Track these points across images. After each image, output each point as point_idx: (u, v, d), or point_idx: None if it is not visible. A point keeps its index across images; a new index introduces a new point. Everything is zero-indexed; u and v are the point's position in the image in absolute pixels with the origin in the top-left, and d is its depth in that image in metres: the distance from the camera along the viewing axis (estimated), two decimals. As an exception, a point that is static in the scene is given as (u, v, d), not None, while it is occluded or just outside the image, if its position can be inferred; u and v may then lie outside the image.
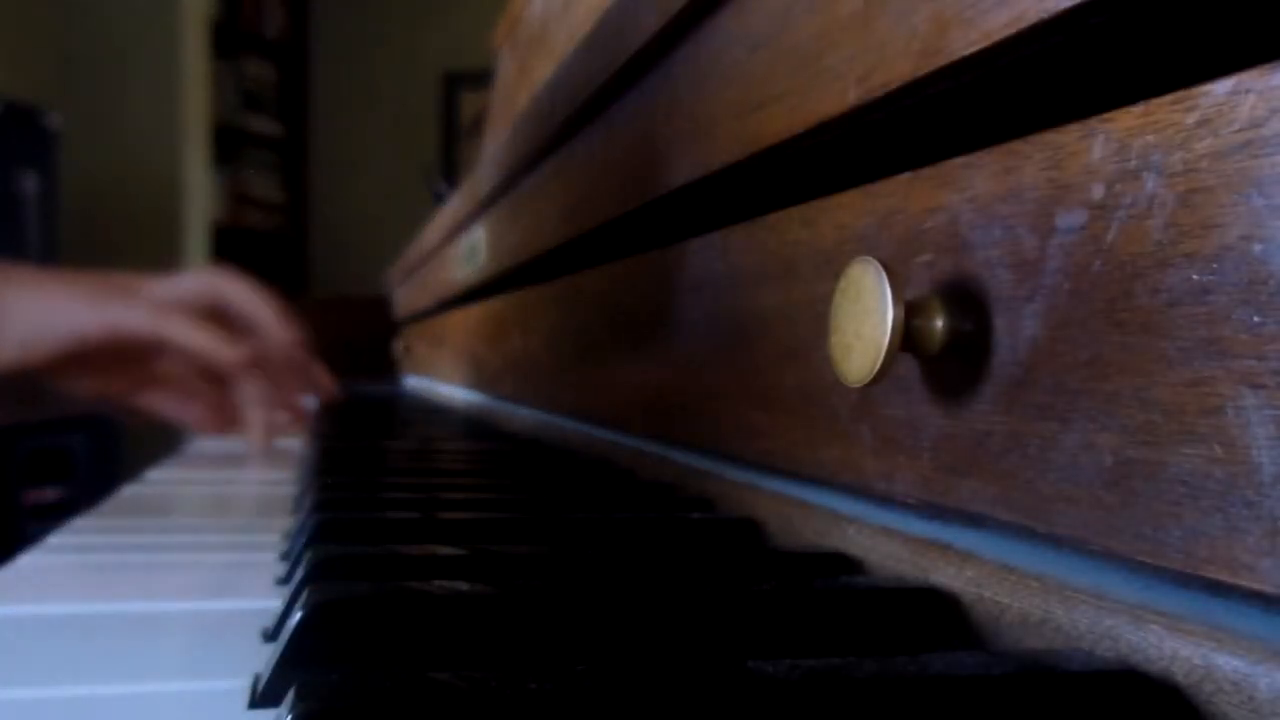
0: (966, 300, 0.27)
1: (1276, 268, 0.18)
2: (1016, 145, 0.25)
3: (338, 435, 0.82)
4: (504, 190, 0.90)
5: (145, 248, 3.01)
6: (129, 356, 0.64)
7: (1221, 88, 0.19)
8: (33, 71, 2.87)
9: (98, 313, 0.58)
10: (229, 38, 3.62)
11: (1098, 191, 0.22)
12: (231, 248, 3.53)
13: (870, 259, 0.27)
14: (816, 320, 0.34)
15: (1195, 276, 0.20)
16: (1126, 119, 0.22)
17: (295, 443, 0.83)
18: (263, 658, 0.25)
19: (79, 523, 0.49)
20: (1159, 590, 0.21)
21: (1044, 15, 0.23)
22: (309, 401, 0.79)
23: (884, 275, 0.26)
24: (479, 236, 1.04)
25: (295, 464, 0.71)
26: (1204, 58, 0.21)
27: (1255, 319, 0.18)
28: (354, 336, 2.00)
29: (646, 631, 0.25)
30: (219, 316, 0.66)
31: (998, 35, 0.25)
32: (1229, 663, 0.19)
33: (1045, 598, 0.24)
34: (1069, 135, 0.23)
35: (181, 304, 0.63)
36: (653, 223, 0.54)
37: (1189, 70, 0.21)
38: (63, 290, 0.59)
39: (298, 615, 0.24)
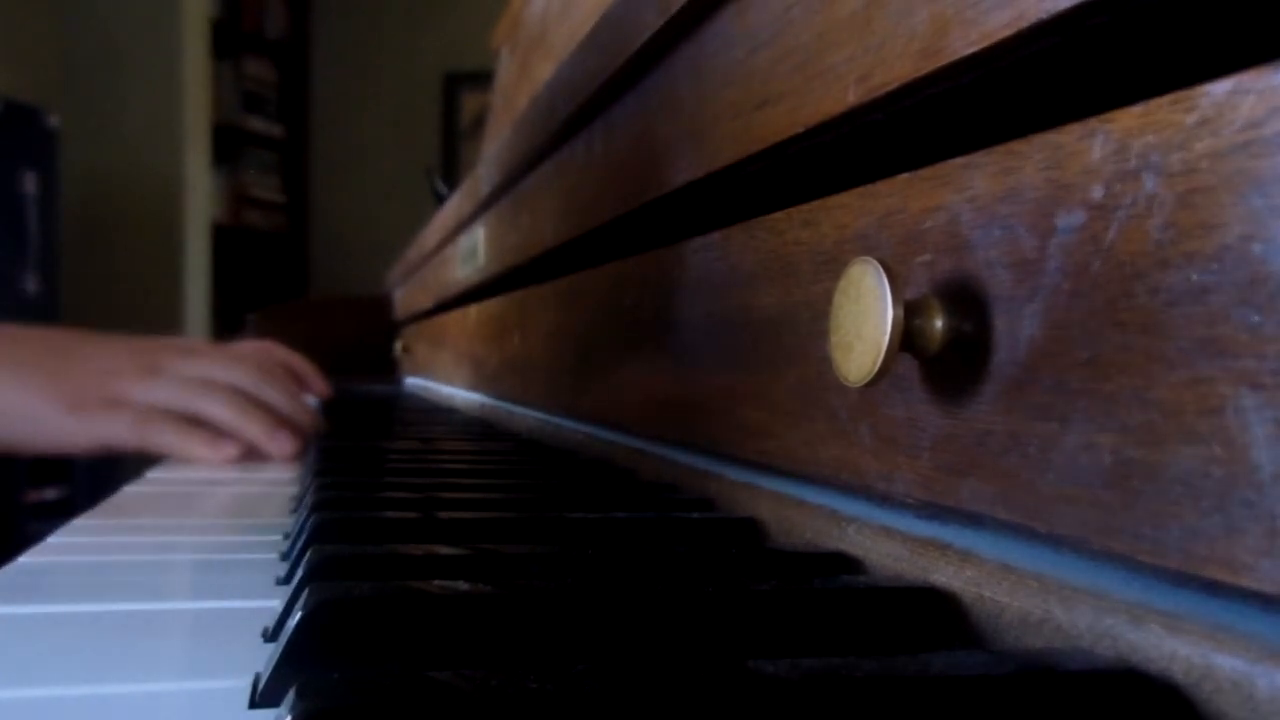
0: (966, 300, 0.27)
1: (1276, 268, 0.18)
2: (1016, 145, 0.25)
3: (338, 435, 0.82)
4: (504, 190, 0.90)
5: (145, 248, 3.01)
6: None
7: (1221, 88, 0.19)
8: (33, 71, 2.88)
9: (83, 429, 0.59)
10: (229, 38, 3.62)
11: (1097, 191, 0.22)
12: (231, 248, 3.54)
13: (870, 259, 0.27)
14: (816, 320, 0.34)
15: (1195, 276, 0.20)
16: (1126, 119, 0.22)
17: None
18: (263, 658, 0.25)
19: (79, 522, 0.49)
20: (1158, 590, 0.21)
21: (1044, 15, 0.23)
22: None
23: (884, 275, 0.26)
24: (479, 236, 1.04)
25: (294, 464, 0.71)
26: (1204, 58, 0.21)
27: (1255, 319, 0.18)
28: (354, 336, 2.00)
29: (647, 631, 0.25)
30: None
31: (998, 35, 0.25)
32: (1228, 662, 0.19)
33: (1045, 597, 0.24)
34: (1069, 135, 0.23)
35: (166, 411, 0.62)
36: (653, 223, 0.54)
37: (1189, 70, 0.21)
38: (48, 394, 0.59)
39: (298, 615, 0.24)
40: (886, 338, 0.26)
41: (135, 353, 0.64)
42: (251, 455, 0.68)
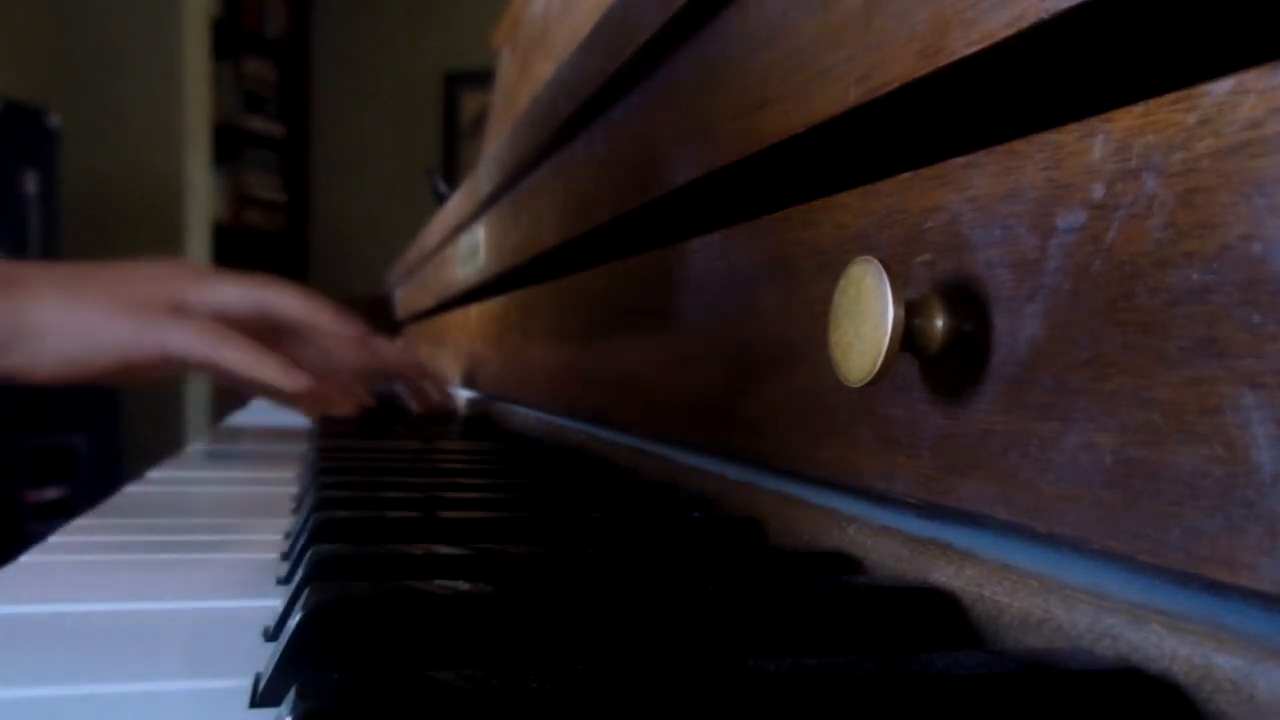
0: (966, 300, 0.27)
1: (1276, 268, 0.18)
2: (1016, 145, 0.25)
3: (338, 435, 0.82)
4: (504, 190, 0.90)
5: (146, 247, 3.00)
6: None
7: (1221, 88, 0.19)
8: (33, 71, 2.88)
9: (146, 333, 0.53)
10: (229, 38, 3.62)
11: (1098, 191, 0.22)
12: (232, 248, 3.54)
13: (870, 259, 0.27)
14: (816, 320, 0.34)
15: (1195, 276, 0.20)
16: (1126, 119, 0.22)
17: (296, 442, 0.83)
18: (263, 657, 0.26)
19: (81, 522, 0.49)
20: (1159, 590, 0.21)
21: (1044, 15, 0.23)
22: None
23: (884, 275, 0.26)
24: (479, 236, 1.04)
25: (295, 464, 0.71)
26: (1204, 58, 0.21)
27: (1255, 319, 0.18)
28: (354, 336, 2.00)
29: (647, 631, 0.25)
30: (272, 330, 0.61)
31: (998, 35, 0.25)
32: (1229, 662, 0.19)
33: (1045, 597, 0.24)
34: (1069, 135, 0.23)
35: (233, 319, 0.57)
36: (653, 223, 0.54)
37: (1189, 70, 0.21)
38: (103, 303, 0.53)
39: (298, 615, 0.24)
40: (887, 338, 0.26)
41: (190, 266, 0.59)
42: (325, 386, 0.63)
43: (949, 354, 0.27)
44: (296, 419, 0.96)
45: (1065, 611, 0.23)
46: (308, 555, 0.31)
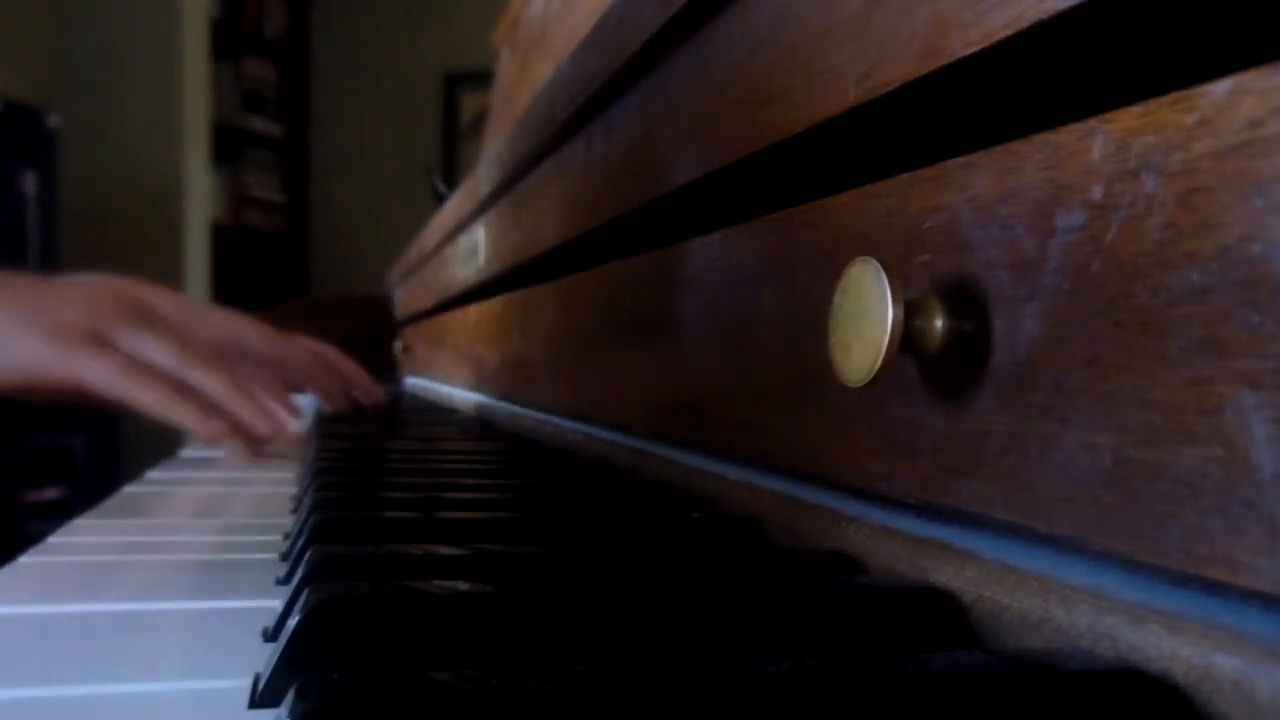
0: (966, 300, 0.27)
1: (1276, 268, 0.18)
2: (1016, 145, 0.25)
3: (338, 435, 0.82)
4: (504, 190, 0.90)
5: (145, 248, 3.01)
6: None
7: (1221, 88, 0.19)
8: (33, 71, 2.88)
9: (59, 356, 0.52)
10: (229, 38, 3.62)
11: (1097, 192, 0.22)
12: (231, 248, 3.54)
13: (870, 259, 0.27)
14: (816, 320, 0.34)
15: (1195, 276, 0.20)
16: (1126, 119, 0.22)
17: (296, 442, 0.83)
18: (263, 658, 0.25)
19: (80, 522, 0.49)
20: (1158, 590, 0.21)
21: (1044, 15, 0.23)
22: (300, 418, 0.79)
23: (884, 275, 0.26)
24: (479, 236, 1.04)
25: (294, 464, 0.71)
26: (1204, 58, 0.21)
27: (1255, 319, 0.18)
28: (354, 336, 2.00)
29: (647, 631, 0.25)
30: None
31: (998, 35, 0.25)
32: (1228, 662, 0.19)
33: (1045, 597, 0.24)
34: (1069, 135, 0.23)
35: (153, 366, 0.57)
36: (653, 223, 0.54)
37: (1189, 70, 0.21)
38: (18, 318, 0.53)
39: (297, 615, 0.24)
40: (886, 338, 0.26)
41: (129, 295, 0.57)
42: (239, 432, 0.66)
43: (948, 354, 0.27)
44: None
45: (1065, 611, 0.23)
46: (307, 555, 0.31)
